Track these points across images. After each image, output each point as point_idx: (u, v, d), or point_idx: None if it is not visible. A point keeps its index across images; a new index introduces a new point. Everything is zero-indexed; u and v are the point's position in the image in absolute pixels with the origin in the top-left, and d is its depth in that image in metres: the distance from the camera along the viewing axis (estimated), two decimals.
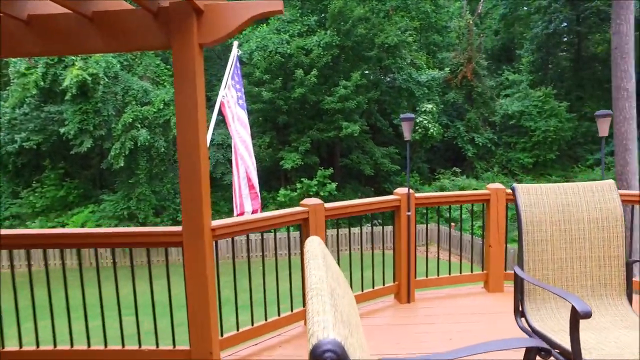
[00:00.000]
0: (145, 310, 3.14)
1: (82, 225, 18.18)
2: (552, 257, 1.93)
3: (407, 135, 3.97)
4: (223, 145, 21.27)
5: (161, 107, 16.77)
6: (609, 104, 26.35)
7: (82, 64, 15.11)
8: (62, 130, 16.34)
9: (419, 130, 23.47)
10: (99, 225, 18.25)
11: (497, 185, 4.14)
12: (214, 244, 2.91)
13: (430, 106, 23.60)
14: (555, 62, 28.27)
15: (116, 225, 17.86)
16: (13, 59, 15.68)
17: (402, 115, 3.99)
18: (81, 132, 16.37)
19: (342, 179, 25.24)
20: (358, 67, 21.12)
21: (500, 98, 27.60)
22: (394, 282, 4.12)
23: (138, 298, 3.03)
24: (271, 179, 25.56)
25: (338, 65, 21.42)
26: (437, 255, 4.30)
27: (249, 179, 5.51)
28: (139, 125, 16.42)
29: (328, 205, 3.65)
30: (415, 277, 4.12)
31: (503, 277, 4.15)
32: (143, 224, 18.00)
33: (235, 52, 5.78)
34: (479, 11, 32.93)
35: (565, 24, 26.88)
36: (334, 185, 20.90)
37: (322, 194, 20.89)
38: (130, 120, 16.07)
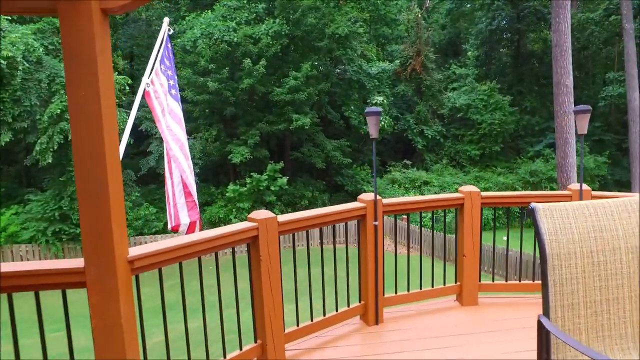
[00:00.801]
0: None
1: (4, 230, 16.28)
2: (584, 299, 1.47)
3: (373, 132, 3.44)
4: None
5: None
6: (547, 99, 27.65)
7: None
8: None
9: None
10: (24, 229, 16.45)
11: (471, 188, 3.72)
12: (134, 279, 2.21)
13: (380, 98, 23.47)
14: (497, 58, 29.18)
15: (45, 229, 16.14)
16: None
17: (367, 109, 3.44)
18: None
19: (293, 172, 24.60)
20: (308, 57, 20.48)
21: (448, 91, 28.09)
22: (360, 301, 3.60)
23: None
24: (219, 174, 24.43)
25: (287, 55, 20.66)
26: (407, 265, 3.82)
27: (184, 185, 4.66)
28: (69, 117, 14.77)
29: (282, 218, 3.04)
30: (384, 295, 3.62)
31: (477, 289, 3.75)
32: (78, 225, 16.40)
33: (165, 29, 4.77)
34: (427, 5, 33.36)
35: (505, 22, 27.75)
36: (284, 179, 20.24)
37: (272, 188, 20.18)
38: (58, 111, 14.41)
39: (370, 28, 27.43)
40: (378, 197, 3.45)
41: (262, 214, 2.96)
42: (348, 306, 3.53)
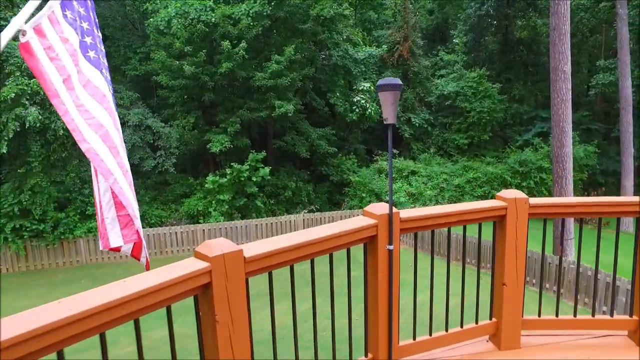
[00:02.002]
0: None
1: None
2: None
3: (388, 115, 2.47)
4: (141, 127, 18.58)
5: None
6: (535, 87, 27.07)
7: None
8: None
9: (357, 110, 22.34)
10: None
11: (516, 193, 2.79)
12: None
13: (367, 85, 22.51)
14: (485, 44, 28.42)
15: (4, 225, 14.76)
16: None
17: (380, 81, 2.44)
18: None
19: (276, 162, 23.53)
20: (291, 40, 19.28)
21: (435, 78, 27.28)
22: (365, 355, 2.68)
23: None
24: (199, 164, 23.19)
25: (270, 38, 19.42)
26: (429, 294, 2.93)
27: (114, 195, 3.15)
28: (26, 102, 13.37)
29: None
30: (399, 342, 2.70)
31: (520, 327, 2.86)
32: (41, 221, 15.09)
33: None
34: None
35: (494, 7, 26.95)
36: (267, 169, 19.18)
37: (254, 179, 19.11)
38: (13, 95, 12.98)
39: (356, 12, 26.31)
40: (394, 209, 2.51)
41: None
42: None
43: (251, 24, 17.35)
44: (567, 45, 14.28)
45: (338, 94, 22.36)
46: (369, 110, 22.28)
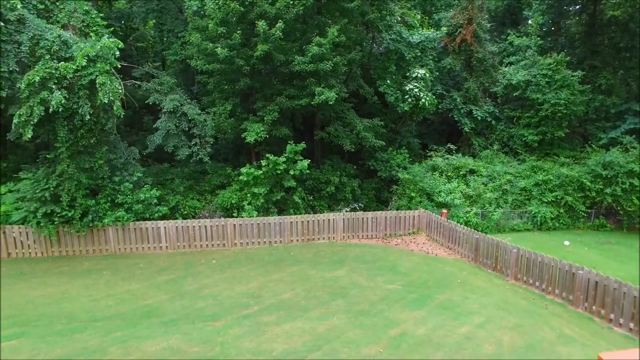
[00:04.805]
0: None
1: None
2: None
3: None
4: (176, 113, 17.89)
5: (84, 63, 13.30)
6: (629, 76, 22.98)
7: None
8: None
9: (409, 99, 20.14)
10: (17, 209, 15.07)
11: None
12: None
13: (422, 72, 20.20)
14: (566, 27, 24.65)
15: (37, 209, 14.64)
16: None
17: None
18: None
19: (322, 154, 22.05)
20: (336, 21, 17.50)
21: (503, 66, 24.19)
22: None
23: None
24: (240, 154, 22.30)
25: (312, 18, 17.78)
26: None
27: None
28: (53, 86, 12.98)
29: None
30: None
31: None
32: (71, 207, 14.82)
33: None
34: None
35: None
36: (305, 162, 17.71)
37: (292, 172, 17.72)
38: (38, 78, 12.60)
39: None
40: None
41: None
42: None
43: (290, 2, 15.85)
44: None
45: (389, 82, 20.29)
46: (423, 100, 19.99)
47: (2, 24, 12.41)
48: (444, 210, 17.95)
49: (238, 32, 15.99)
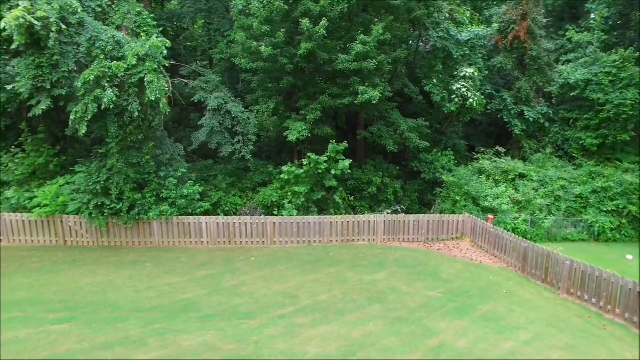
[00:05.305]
0: None
1: (54, 200, 15.89)
2: None
3: None
4: (220, 111, 18.21)
5: (134, 62, 13.81)
6: None
7: (28, 5, 12.25)
8: (9, 87, 13.77)
9: (456, 99, 19.39)
10: (73, 200, 15.92)
11: None
12: None
13: (471, 71, 19.38)
14: (636, 19, 22.78)
15: (89, 201, 15.41)
16: None
17: None
18: (37, 90, 13.74)
19: (365, 154, 21.74)
20: (381, 19, 17.12)
21: (560, 64, 22.76)
22: None
23: None
24: (282, 152, 22.42)
25: (357, 16, 17.51)
26: None
27: None
28: (106, 85, 13.57)
29: None
30: None
31: None
32: (119, 200, 15.46)
33: None
34: None
35: None
36: (347, 162, 17.47)
37: (333, 172, 17.54)
38: (93, 77, 13.21)
39: None
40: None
41: None
42: None
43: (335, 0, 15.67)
44: None
45: (435, 81, 19.64)
46: (471, 100, 19.18)
47: (64, 27, 13.08)
48: (490, 216, 17.13)
49: (282, 30, 16.01)
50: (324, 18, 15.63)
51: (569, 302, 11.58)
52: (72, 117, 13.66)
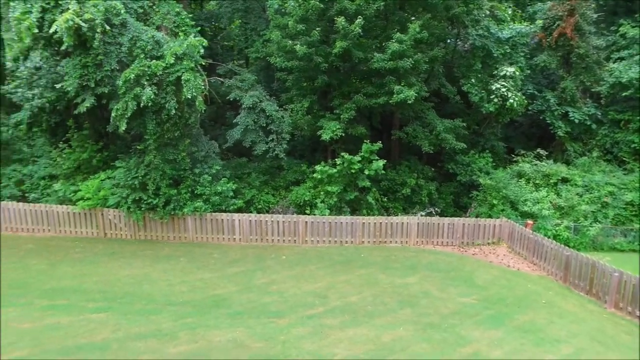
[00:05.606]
0: None
1: (96, 193, 16.54)
2: None
3: None
4: (255, 109, 18.38)
5: (172, 61, 14.15)
6: None
7: (77, 8, 12.78)
8: (57, 86, 14.44)
9: (495, 99, 18.72)
10: (113, 194, 16.53)
11: None
12: None
13: (512, 70, 18.66)
14: None
15: (128, 196, 15.94)
16: (12, 2, 13.83)
17: None
18: (83, 88, 14.32)
19: (399, 155, 21.39)
20: (418, 16, 16.75)
21: (611, 62, 21.53)
22: None
23: None
24: (316, 151, 22.40)
25: (393, 14, 17.20)
26: None
27: None
28: (145, 83, 13.97)
29: None
30: None
31: None
32: (156, 195, 15.89)
33: None
34: None
35: None
36: (380, 162, 17.22)
37: (367, 172, 17.34)
38: (133, 76, 13.63)
39: None
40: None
41: None
42: None
43: None
44: None
45: (473, 81, 19.03)
46: (511, 100, 18.46)
47: (108, 27, 13.56)
48: (529, 221, 16.41)
49: (317, 29, 15.96)
50: (359, 16, 15.45)
51: (617, 317, 10.87)
52: (113, 114, 14.15)
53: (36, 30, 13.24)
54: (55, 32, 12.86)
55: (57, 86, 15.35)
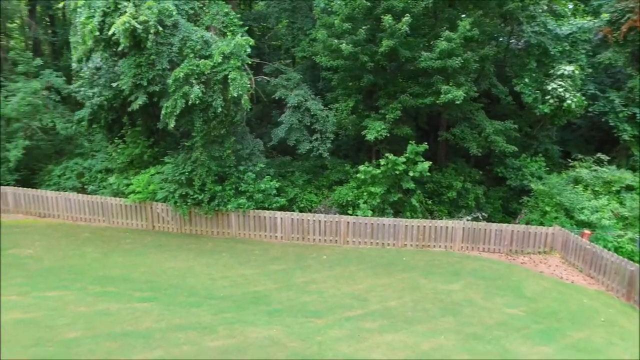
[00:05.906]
0: None
1: (146, 187, 17.29)
2: None
3: None
4: (300, 108, 18.45)
5: (220, 60, 14.48)
6: None
7: (133, 11, 13.39)
8: (114, 84, 15.20)
9: (550, 100, 17.67)
10: (161, 189, 17.19)
11: None
12: None
13: (570, 69, 17.53)
14: None
15: (175, 190, 16.52)
16: (79, 8, 14.74)
17: None
18: (136, 87, 14.99)
19: (446, 156, 20.73)
20: (469, 13, 16.11)
21: None
22: None
23: None
24: (360, 151, 22.19)
25: (442, 11, 16.66)
26: None
27: None
28: (193, 82, 14.40)
29: None
30: None
31: None
32: (201, 191, 16.35)
33: None
34: None
35: None
36: (426, 164, 16.75)
37: (412, 174, 16.92)
38: (182, 75, 14.08)
39: None
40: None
41: None
42: None
43: None
44: None
45: (527, 80, 18.07)
46: (569, 101, 17.35)
47: (160, 28, 14.11)
48: (587, 231, 15.33)
49: (363, 27, 15.77)
50: (407, 14, 15.09)
51: None
52: (162, 111, 14.69)
53: (97, 33, 14.01)
54: (114, 34, 13.53)
55: (114, 85, 16.17)
